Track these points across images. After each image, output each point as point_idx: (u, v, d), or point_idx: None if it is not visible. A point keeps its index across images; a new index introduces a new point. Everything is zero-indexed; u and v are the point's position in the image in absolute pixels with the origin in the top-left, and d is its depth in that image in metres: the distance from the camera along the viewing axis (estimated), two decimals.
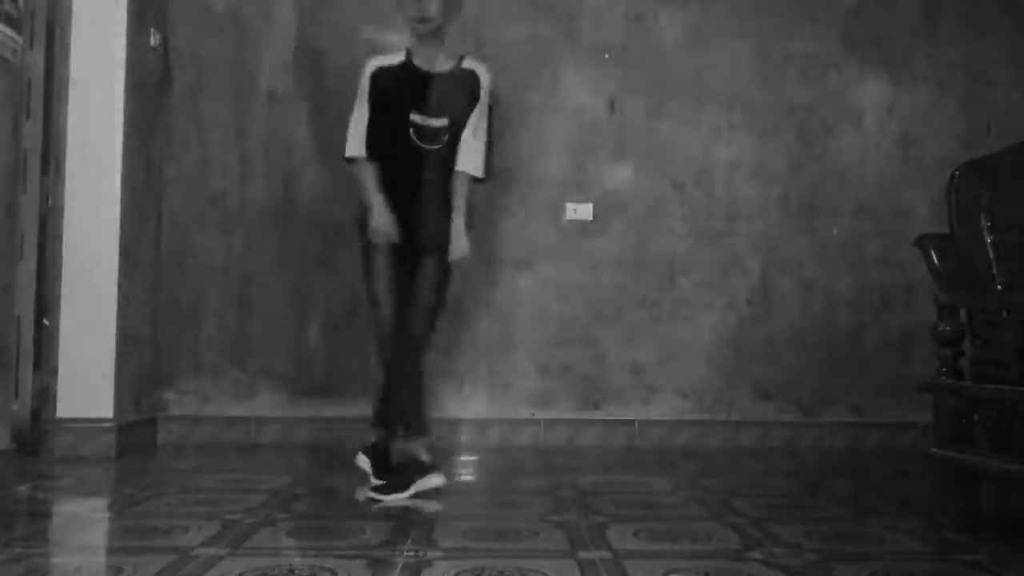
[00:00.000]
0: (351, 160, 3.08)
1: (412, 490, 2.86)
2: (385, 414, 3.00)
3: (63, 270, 3.63)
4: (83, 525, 2.48)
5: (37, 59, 3.56)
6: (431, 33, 3.03)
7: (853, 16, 4.31)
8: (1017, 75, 4.32)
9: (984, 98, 4.31)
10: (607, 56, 4.25)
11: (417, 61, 3.04)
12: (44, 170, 3.58)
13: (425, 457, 2.98)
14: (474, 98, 3.06)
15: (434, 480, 2.93)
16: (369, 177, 3.02)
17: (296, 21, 4.20)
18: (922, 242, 2.77)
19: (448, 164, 3.03)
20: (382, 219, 2.96)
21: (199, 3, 4.17)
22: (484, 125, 3.09)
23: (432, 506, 2.77)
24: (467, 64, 3.09)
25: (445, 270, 3.06)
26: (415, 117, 2.96)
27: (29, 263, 3.54)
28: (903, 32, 4.32)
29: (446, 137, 2.99)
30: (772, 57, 4.29)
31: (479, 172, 3.07)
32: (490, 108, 3.13)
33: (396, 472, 2.91)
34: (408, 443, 2.96)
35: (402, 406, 2.98)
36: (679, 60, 4.27)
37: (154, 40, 4.00)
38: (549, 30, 4.24)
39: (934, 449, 2.64)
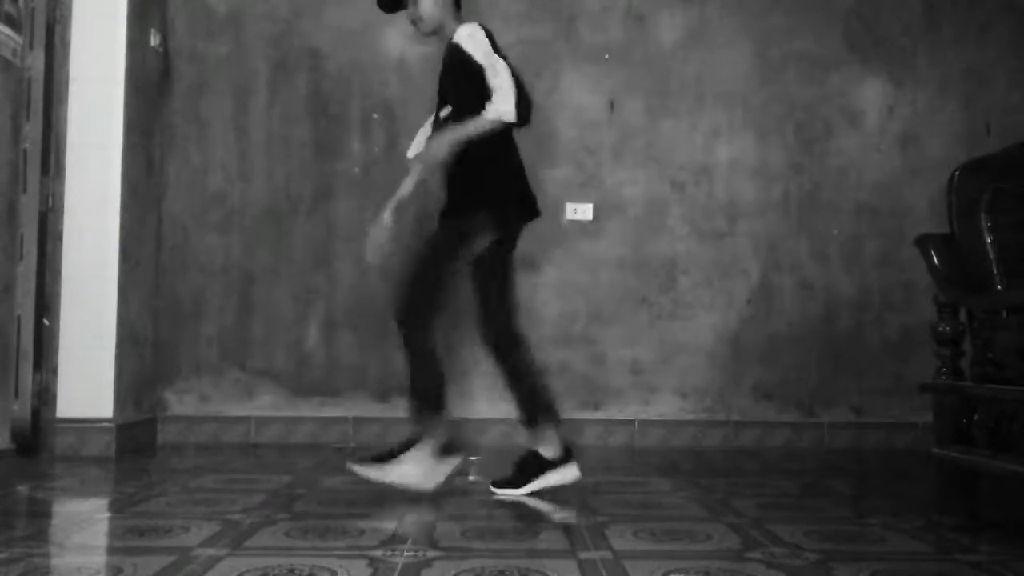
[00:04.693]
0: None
1: (529, 487, 2.91)
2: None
3: (63, 270, 3.64)
4: (83, 525, 2.47)
5: (37, 59, 3.56)
6: (431, 32, 3.04)
7: (853, 16, 4.31)
8: (1017, 75, 4.32)
9: (984, 98, 4.31)
10: (607, 56, 4.26)
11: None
12: (44, 170, 3.58)
13: (547, 452, 2.95)
14: (462, 64, 2.82)
15: (556, 477, 2.94)
16: None
17: (296, 21, 4.20)
18: (922, 242, 2.77)
19: None
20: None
21: (199, 3, 4.17)
22: (495, 64, 2.78)
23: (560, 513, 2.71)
24: (452, 39, 2.89)
25: (443, 237, 2.93)
26: (439, 114, 2.99)
27: (29, 263, 3.54)
28: (903, 32, 4.32)
29: (449, 124, 2.95)
30: (772, 57, 4.29)
31: (511, 116, 2.78)
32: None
33: (518, 466, 2.96)
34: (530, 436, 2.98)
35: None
36: (679, 60, 4.27)
37: (154, 40, 4.00)
38: (549, 30, 4.25)
39: (934, 449, 2.64)
